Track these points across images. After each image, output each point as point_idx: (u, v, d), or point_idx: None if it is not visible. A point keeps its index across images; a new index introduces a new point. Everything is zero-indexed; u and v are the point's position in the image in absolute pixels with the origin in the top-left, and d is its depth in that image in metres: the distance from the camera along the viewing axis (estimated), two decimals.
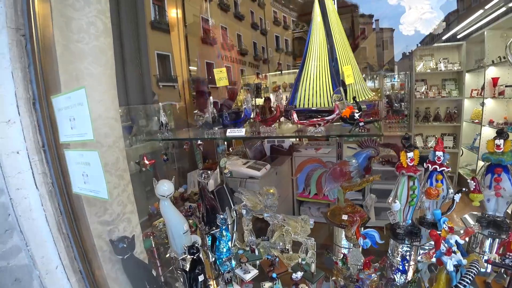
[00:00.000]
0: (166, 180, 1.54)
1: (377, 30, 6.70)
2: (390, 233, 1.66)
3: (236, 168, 2.65)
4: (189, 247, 1.40)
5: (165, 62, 4.10)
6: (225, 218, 1.59)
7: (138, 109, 2.58)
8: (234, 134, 1.50)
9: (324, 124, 1.42)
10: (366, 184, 1.72)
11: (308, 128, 1.45)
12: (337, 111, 1.40)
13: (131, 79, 2.41)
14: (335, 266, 1.54)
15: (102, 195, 0.99)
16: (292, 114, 1.45)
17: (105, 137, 1.25)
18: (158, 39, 3.81)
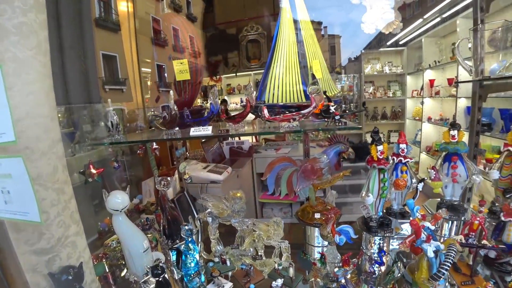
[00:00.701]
0: (119, 191, 1.32)
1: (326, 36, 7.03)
2: (363, 227, 1.64)
3: (196, 173, 2.46)
4: (152, 267, 1.21)
5: (112, 63, 3.74)
6: (191, 229, 1.42)
7: (82, 111, 2.25)
8: (199, 133, 1.34)
9: (299, 118, 1.34)
10: (337, 180, 1.67)
11: (281, 123, 1.35)
12: (314, 104, 1.32)
13: (73, 73, 2.08)
14: (313, 267, 1.45)
15: (32, 217, 0.75)
16: (262, 109, 1.34)
17: (37, 141, 0.99)
18: (104, 38, 3.46)
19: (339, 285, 1.34)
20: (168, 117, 1.35)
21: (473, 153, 2.34)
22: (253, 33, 5.54)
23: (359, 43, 6.57)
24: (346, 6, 5.77)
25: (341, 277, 1.41)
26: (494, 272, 1.50)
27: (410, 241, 1.39)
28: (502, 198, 1.67)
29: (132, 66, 3.75)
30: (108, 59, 3.61)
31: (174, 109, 1.33)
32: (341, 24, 7.18)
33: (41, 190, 1.04)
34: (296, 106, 1.41)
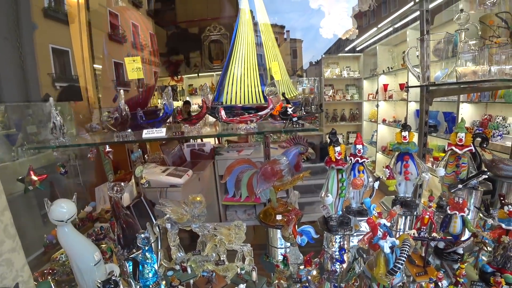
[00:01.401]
0: (64, 199, 1.20)
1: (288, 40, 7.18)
2: (324, 226, 1.67)
3: (154, 177, 2.34)
4: (104, 282, 1.11)
5: (63, 58, 3.42)
6: (148, 237, 1.33)
7: (25, 110, 2.03)
8: (152, 136, 1.26)
9: (256, 120, 1.32)
10: (297, 181, 1.69)
11: (239, 125, 1.32)
12: (271, 105, 1.31)
13: (5, 66, 1.85)
14: (276, 269, 1.45)
15: None
16: (219, 111, 1.31)
17: None
18: (54, 31, 3.14)
19: (302, 285, 1.34)
20: (119, 118, 1.25)
21: (422, 152, 2.52)
22: (216, 33, 5.47)
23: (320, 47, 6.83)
24: (308, 11, 5.95)
25: (304, 277, 1.42)
26: (443, 261, 1.62)
27: (368, 238, 1.44)
28: (447, 193, 1.81)
29: (83, 62, 3.49)
30: (59, 54, 3.31)
31: (125, 110, 1.24)
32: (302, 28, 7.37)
33: None
34: (255, 108, 1.39)
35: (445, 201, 1.84)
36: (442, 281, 1.38)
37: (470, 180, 1.70)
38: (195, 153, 3.23)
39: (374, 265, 1.31)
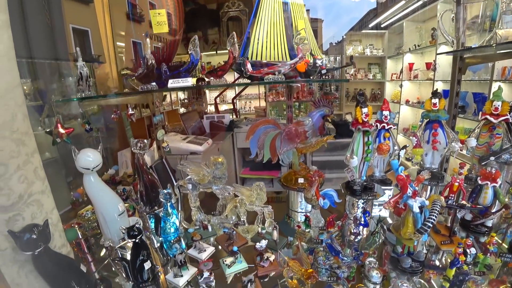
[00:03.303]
0: (90, 149, 1.21)
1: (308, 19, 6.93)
2: (347, 191, 1.63)
3: (174, 144, 2.35)
4: (129, 229, 1.12)
5: (83, 39, 3.46)
6: (170, 193, 1.34)
7: (49, 69, 2.04)
8: (178, 85, 1.24)
9: (284, 70, 1.27)
10: (321, 144, 1.64)
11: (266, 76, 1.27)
12: (300, 54, 1.26)
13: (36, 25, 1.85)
14: (297, 230, 1.43)
15: None
16: (246, 63, 1.26)
17: None
18: (75, 11, 3.16)
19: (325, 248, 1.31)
20: (144, 68, 1.23)
21: None
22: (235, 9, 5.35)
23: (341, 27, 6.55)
24: None
25: (326, 241, 1.39)
26: (470, 233, 1.55)
27: (394, 201, 1.39)
28: (478, 165, 1.72)
29: (106, 42, 3.51)
30: (79, 34, 3.34)
31: (151, 59, 1.22)
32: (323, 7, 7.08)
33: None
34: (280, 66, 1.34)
35: (474, 174, 1.74)
36: (471, 248, 1.32)
37: (504, 153, 1.59)
38: (215, 125, 3.22)
39: (401, 225, 1.26)
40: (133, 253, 1.16)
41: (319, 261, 1.26)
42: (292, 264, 1.14)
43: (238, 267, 1.25)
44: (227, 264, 1.21)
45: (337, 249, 1.25)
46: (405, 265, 1.27)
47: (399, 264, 1.30)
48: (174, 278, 1.19)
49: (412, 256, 1.31)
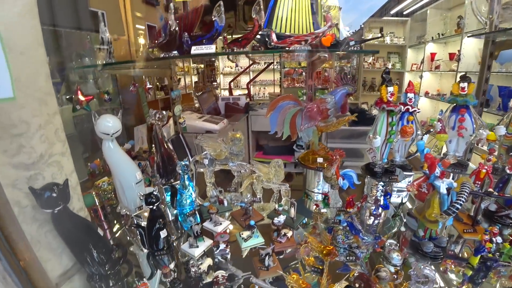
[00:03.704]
0: (110, 114, 1.20)
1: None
2: (367, 172, 1.58)
3: (190, 122, 2.33)
4: (147, 195, 1.11)
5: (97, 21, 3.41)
6: (187, 165, 1.32)
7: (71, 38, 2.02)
8: (201, 51, 1.20)
9: (311, 40, 1.21)
10: (342, 124, 1.58)
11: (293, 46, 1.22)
12: (329, 22, 1.20)
13: None
14: (315, 209, 1.39)
15: (3, 93, 0.62)
16: (270, 34, 1.21)
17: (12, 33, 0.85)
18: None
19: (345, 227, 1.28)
20: (167, 35, 1.20)
21: None
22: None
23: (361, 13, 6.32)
24: None
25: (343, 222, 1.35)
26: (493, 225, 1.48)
27: (418, 184, 1.34)
28: (505, 156, 1.64)
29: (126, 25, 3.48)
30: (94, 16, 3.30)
31: (174, 25, 1.18)
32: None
33: (19, 95, 0.91)
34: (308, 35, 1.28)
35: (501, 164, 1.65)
36: (497, 237, 1.27)
37: None
38: (230, 106, 3.19)
39: (426, 207, 1.21)
40: (150, 221, 1.16)
41: (338, 239, 1.23)
42: (312, 240, 1.12)
43: (254, 241, 1.23)
44: (244, 237, 1.19)
45: (358, 228, 1.21)
46: (426, 249, 1.23)
47: (420, 248, 1.25)
48: (190, 249, 1.18)
49: (434, 241, 1.27)
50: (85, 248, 1.07)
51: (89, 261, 1.09)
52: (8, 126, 0.92)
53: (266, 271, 1.06)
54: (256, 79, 6.23)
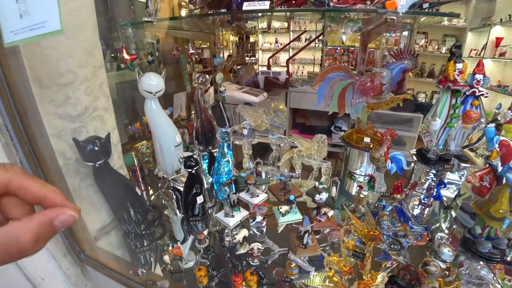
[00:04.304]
0: (154, 73, 1.16)
1: None
2: (419, 158, 1.44)
3: (230, 93, 2.27)
4: (186, 158, 1.08)
5: None
6: (227, 132, 1.26)
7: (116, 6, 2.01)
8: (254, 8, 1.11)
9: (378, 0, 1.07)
10: (395, 102, 1.43)
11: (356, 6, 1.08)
12: None
13: None
14: (358, 191, 1.29)
15: (51, 26, 0.59)
16: None
17: None
18: None
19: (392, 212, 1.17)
20: None
21: None
22: None
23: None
24: None
25: (388, 207, 1.24)
26: None
27: (481, 175, 1.18)
28: None
29: None
30: None
31: None
32: None
33: (67, 43, 0.89)
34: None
35: None
36: None
37: None
38: (270, 81, 3.09)
39: (492, 202, 1.06)
40: (187, 185, 1.14)
41: (382, 225, 1.13)
42: (356, 222, 1.03)
43: (292, 217, 1.17)
44: (282, 212, 1.13)
45: (408, 216, 1.10)
46: (483, 249, 1.09)
47: (474, 247, 1.12)
48: (225, 218, 1.15)
49: (492, 241, 1.12)
50: (123, 206, 1.08)
51: (126, 219, 1.10)
52: (55, 75, 0.91)
53: (304, 249, 1.00)
54: (295, 57, 6.00)
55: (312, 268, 0.96)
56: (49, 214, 0.33)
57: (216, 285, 0.95)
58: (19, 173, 0.34)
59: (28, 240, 0.30)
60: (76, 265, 1.13)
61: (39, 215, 0.32)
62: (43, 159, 0.95)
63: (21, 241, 0.29)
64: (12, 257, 0.30)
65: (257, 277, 0.89)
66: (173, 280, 0.97)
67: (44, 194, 0.34)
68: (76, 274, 1.14)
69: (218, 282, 0.94)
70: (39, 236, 0.31)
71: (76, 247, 1.08)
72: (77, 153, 0.98)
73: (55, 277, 1.07)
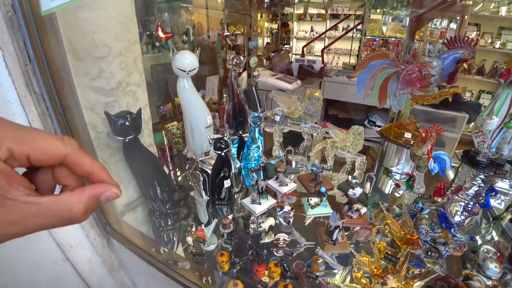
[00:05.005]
0: (189, 51, 1.13)
1: None
2: (466, 160, 1.31)
3: (263, 79, 2.21)
4: (216, 140, 1.05)
5: None
6: (260, 117, 1.21)
7: None
8: None
9: None
10: (444, 96, 1.31)
11: None
12: None
13: None
14: (393, 189, 1.20)
15: None
16: None
17: None
18: None
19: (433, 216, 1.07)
20: None
21: None
22: None
23: None
24: None
25: (426, 210, 1.14)
26: None
27: None
28: None
29: None
30: None
31: None
32: None
33: (103, 15, 0.88)
34: None
35: None
36: None
37: None
38: (304, 69, 2.98)
39: None
40: (215, 168, 1.11)
41: (420, 229, 1.04)
42: (392, 223, 0.95)
43: (322, 210, 1.11)
44: (311, 204, 1.08)
45: (451, 221, 1.00)
46: None
47: None
48: (251, 204, 1.11)
49: None
50: (150, 183, 1.07)
51: (152, 196, 1.10)
52: (91, 48, 0.90)
53: (333, 245, 0.94)
54: (331, 47, 5.77)
55: (340, 266, 0.90)
56: (98, 188, 0.36)
57: (237, 272, 0.92)
58: (76, 148, 0.36)
59: (80, 210, 0.33)
60: (103, 237, 1.15)
61: (90, 189, 0.35)
62: (76, 131, 0.95)
63: (74, 210, 0.33)
64: (64, 223, 0.33)
65: (281, 269, 0.85)
66: (194, 262, 0.95)
67: (93, 170, 0.37)
68: (102, 245, 1.16)
69: (239, 270, 0.92)
70: (88, 208, 0.34)
71: (103, 220, 1.10)
72: (109, 127, 0.98)
73: (82, 245, 1.10)
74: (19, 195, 0.30)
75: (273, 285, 0.86)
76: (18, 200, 0.30)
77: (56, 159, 0.35)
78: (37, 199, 0.31)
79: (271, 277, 0.86)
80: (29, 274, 0.99)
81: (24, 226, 0.30)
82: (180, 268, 0.93)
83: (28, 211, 0.30)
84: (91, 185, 0.36)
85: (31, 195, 0.31)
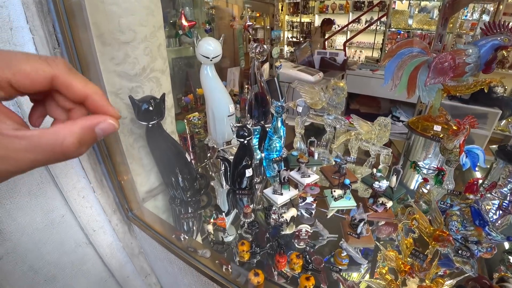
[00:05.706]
0: (212, 38, 1.12)
1: None
2: (502, 156, 1.23)
3: (284, 71, 2.18)
4: (239, 127, 1.03)
5: None
6: (283, 106, 1.19)
7: None
8: None
9: None
10: (479, 88, 1.23)
11: None
12: None
13: None
14: (421, 184, 1.15)
15: None
16: None
17: None
18: None
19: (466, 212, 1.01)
20: None
21: None
22: None
23: None
24: None
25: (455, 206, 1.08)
26: None
27: None
28: None
29: None
30: None
31: None
32: None
33: None
34: None
35: None
36: None
37: None
38: (326, 62, 2.91)
39: None
40: (237, 156, 1.09)
41: (450, 226, 0.99)
42: (420, 217, 0.90)
43: (345, 203, 1.07)
44: (335, 196, 1.04)
45: (486, 219, 0.94)
46: None
47: None
48: (273, 195, 1.09)
49: None
50: (172, 170, 1.07)
51: (173, 184, 1.10)
52: (116, 32, 0.90)
53: (357, 238, 0.91)
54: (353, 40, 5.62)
55: (365, 261, 0.87)
56: (91, 119, 0.33)
57: (257, 262, 0.91)
58: (62, 68, 0.33)
59: (72, 142, 0.31)
60: (124, 223, 1.17)
61: (82, 120, 0.33)
62: None
63: (66, 143, 0.31)
64: (56, 157, 0.31)
65: (303, 261, 0.83)
66: (214, 250, 0.95)
67: (86, 94, 0.35)
68: (124, 231, 1.18)
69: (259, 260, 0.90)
70: (82, 140, 0.32)
71: (125, 205, 1.11)
72: (133, 113, 0.98)
73: (105, 230, 1.12)
74: (6, 129, 0.28)
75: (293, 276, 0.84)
76: (5, 135, 0.28)
77: (42, 83, 0.32)
78: (25, 133, 0.29)
79: (292, 269, 0.84)
80: (55, 255, 1.02)
81: (15, 162, 0.29)
82: (200, 255, 0.93)
83: (17, 146, 0.28)
84: (84, 117, 0.34)
85: (20, 130, 0.29)
